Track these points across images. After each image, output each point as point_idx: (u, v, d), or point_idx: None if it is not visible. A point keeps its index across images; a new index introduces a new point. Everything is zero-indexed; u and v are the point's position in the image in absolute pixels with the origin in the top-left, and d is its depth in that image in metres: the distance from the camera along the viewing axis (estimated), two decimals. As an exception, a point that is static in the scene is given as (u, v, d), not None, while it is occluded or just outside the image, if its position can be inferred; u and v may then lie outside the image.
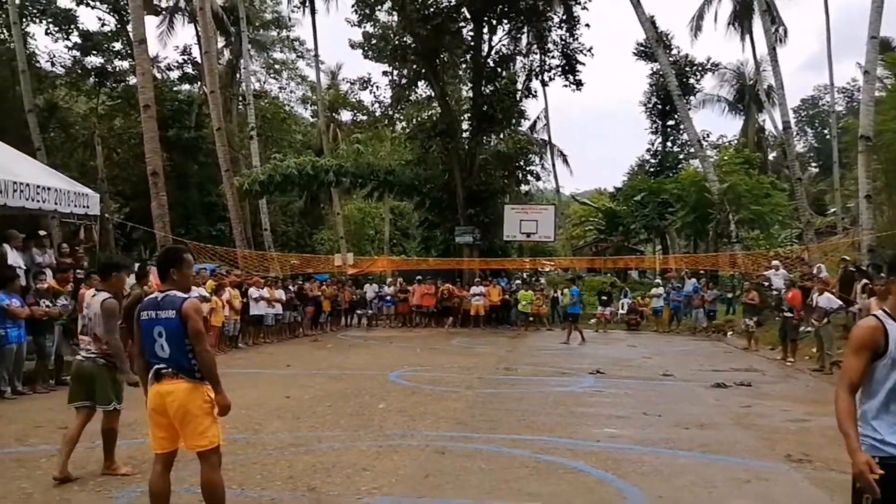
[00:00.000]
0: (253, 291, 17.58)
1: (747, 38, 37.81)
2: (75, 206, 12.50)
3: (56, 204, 11.97)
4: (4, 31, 27.54)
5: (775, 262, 19.41)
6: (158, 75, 33.04)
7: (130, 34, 24.77)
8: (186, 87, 36.89)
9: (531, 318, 24.16)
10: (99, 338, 5.74)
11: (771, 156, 44.78)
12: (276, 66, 43.95)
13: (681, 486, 5.57)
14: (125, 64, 32.35)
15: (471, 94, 29.40)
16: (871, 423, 3.04)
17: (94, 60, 31.97)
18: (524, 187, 33.16)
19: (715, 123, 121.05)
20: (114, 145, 32.24)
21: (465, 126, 29.42)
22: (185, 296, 4.29)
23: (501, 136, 29.92)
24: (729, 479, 5.86)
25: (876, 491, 2.84)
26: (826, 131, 46.87)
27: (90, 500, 5.10)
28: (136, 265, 14.54)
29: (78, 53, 31.35)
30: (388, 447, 6.76)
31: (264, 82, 43.35)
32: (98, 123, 30.59)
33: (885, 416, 3.00)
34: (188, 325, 4.16)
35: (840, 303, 13.66)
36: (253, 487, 5.38)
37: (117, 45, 31.97)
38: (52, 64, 30.84)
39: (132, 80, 31.31)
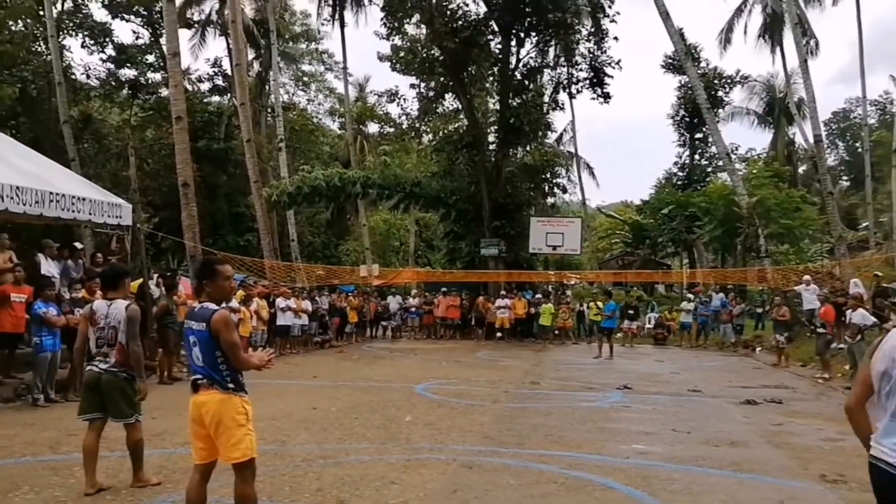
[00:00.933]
0: (280, 302, 17.71)
1: (777, 50, 37.49)
2: (108, 216, 12.69)
3: (90, 214, 12.16)
4: (42, 43, 28.14)
5: (806, 277, 19.13)
6: (189, 87, 33.57)
7: (164, 47, 25.22)
8: (216, 98, 37.47)
9: (556, 332, 24.05)
10: (122, 347, 5.61)
11: (801, 169, 44.31)
12: (305, 79, 44.56)
13: (712, 506, 5.50)
14: (157, 76, 32.98)
15: (498, 106, 29.41)
16: None
17: (127, 73, 32.59)
18: (550, 200, 33.06)
19: (744, 136, 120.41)
20: (145, 156, 32.78)
21: (491, 138, 29.42)
22: (216, 308, 4.31)
23: (528, 148, 29.88)
24: (761, 498, 5.78)
25: None
26: (858, 144, 46.29)
27: (122, 509, 5.15)
28: (166, 275, 14.79)
29: (112, 66, 31.96)
30: (415, 461, 6.76)
31: (293, 94, 43.97)
32: (131, 134, 31.12)
33: None
34: (220, 339, 4.20)
35: (874, 319, 13.42)
36: (282, 499, 5.41)
37: (150, 58, 32.57)
38: (87, 76, 31.46)
39: (164, 92, 31.88)
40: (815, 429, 8.95)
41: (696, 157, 41.02)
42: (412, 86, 29.30)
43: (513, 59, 27.96)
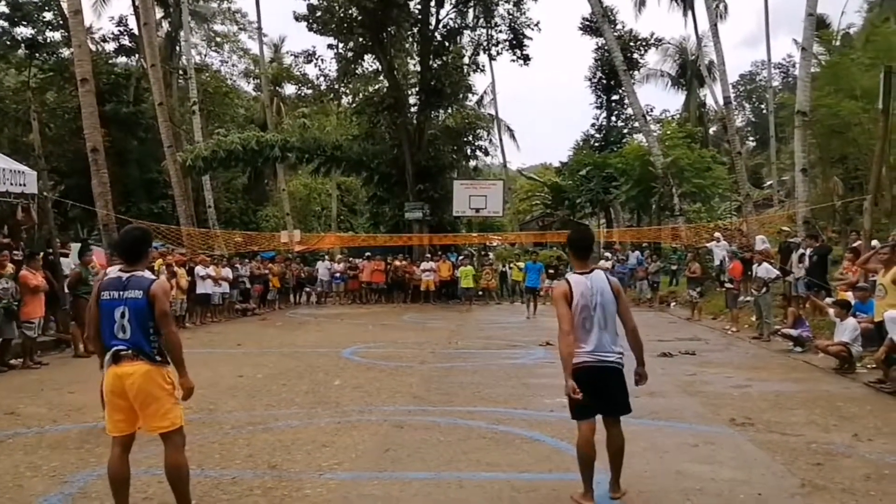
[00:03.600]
0: (199, 270, 17.28)
1: (689, 13, 38.43)
2: (11, 184, 12.04)
3: (-9, 182, 11.51)
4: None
5: (717, 235, 20.00)
6: (93, 47, 31.80)
7: (64, 4, 23.76)
8: (123, 59, 35.65)
9: (480, 293, 24.42)
10: None
11: (711, 130, 45.86)
12: (218, 39, 42.83)
13: (633, 452, 5.73)
14: (57, 35, 31.09)
15: (418, 67, 29.18)
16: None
17: (23, 31, 30.60)
18: (472, 162, 33.24)
19: (658, 98, 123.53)
20: (47, 120, 31.01)
21: (412, 100, 29.22)
22: (153, 277, 4.21)
23: (449, 110, 29.86)
24: (678, 444, 6.10)
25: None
26: (763, 106, 48.23)
27: (44, 485, 5.00)
28: (78, 245, 14.17)
29: (6, 24, 29.92)
30: (346, 423, 6.80)
31: (205, 55, 42.26)
32: (31, 97, 29.34)
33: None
34: (156, 306, 4.09)
35: (777, 272, 14.19)
36: (213, 467, 5.36)
37: (48, 16, 30.69)
38: (-21, 35, 29.43)
39: (65, 53, 30.13)
40: (725, 377, 9.47)
41: (613, 118, 41.85)
42: (330, 46, 28.73)
43: (432, 20, 27.77)
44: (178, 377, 4.26)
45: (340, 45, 28.38)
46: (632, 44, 38.86)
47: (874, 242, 11.81)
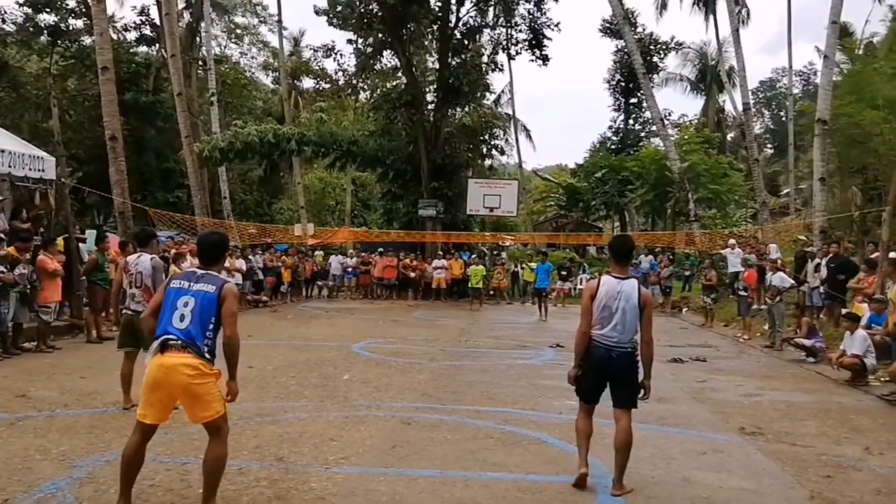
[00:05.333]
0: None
1: (711, 18, 38.18)
2: (30, 169, 12.16)
3: (10, 167, 11.62)
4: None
5: (731, 241, 19.86)
6: (115, 36, 31.94)
7: (86, -8, 23.91)
8: (144, 49, 35.79)
9: (491, 293, 24.40)
10: (149, 290, 6.80)
11: (729, 136, 45.59)
12: (238, 31, 42.94)
13: (641, 458, 5.73)
14: (79, 23, 31.23)
15: (437, 65, 29.13)
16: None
17: (46, 18, 30.73)
18: (488, 161, 33.18)
19: (677, 102, 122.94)
20: (67, 107, 31.22)
21: (430, 98, 29.17)
22: (228, 279, 4.36)
23: (466, 108, 29.80)
24: (686, 450, 6.06)
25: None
26: (782, 113, 47.80)
27: (52, 469, 5.03)
28: (94, 231, 14.28)
29: (30, 10, 30.11)
30: (354, 418, 6.81)
31: (225, 47, 42.38)
32: (52, 84, 29.54)
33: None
34: (224, 305, 4.15)
35: (792, 282, 14.08)
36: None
37: (71, 3, 30.79)
38: (3, 21, 29.61)
39: (87, 40, 30.30)
40: (736, 385, 9.41)
41: (631, 121, 41.74)
42: (349, 41, 28.72)
43: (452, 18, 27.70)
44: (226, 376, 4.30)
45: (360, 41, 28.38)
46: (652, 47, 38.74)
47: (892, 254, 11.67)
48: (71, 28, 31.44)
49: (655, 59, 39.29)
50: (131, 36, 35.28)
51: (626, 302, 4.93)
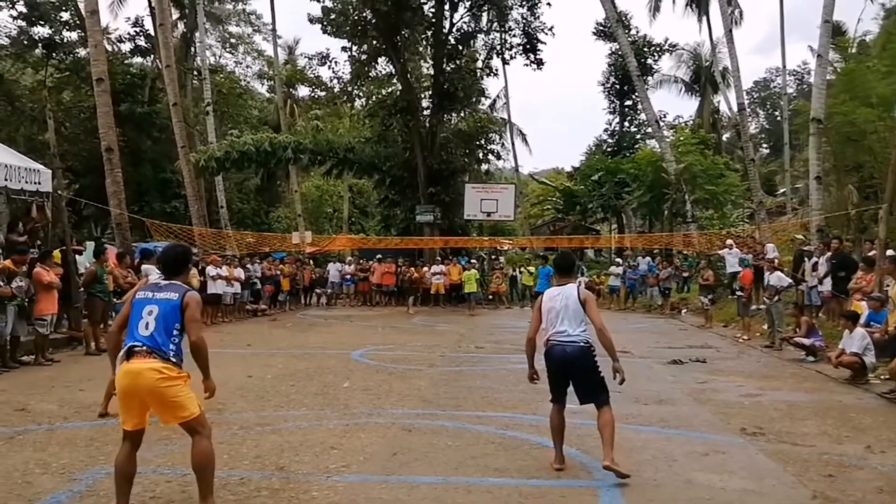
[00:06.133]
0: (210, 270, 17.34)
1: (704, 19, 38.30)
2: (26, 182, 12.15)
3: (6, 180, 11.62)
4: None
5: (728, 242, 19.88)
6: (109, 47, 32.00)
7: (80, 4, 23.95)
8: (138, 60, 35.88)
9: (490, 297, 24.40)
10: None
11: (725, 136, 45.67)
12: (232, 40, 43.04)
13: (642, 460, 5.74)
14: (73, 35, 31.31)
15: (431, 71, 29.18)
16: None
17: (41, 31, 30.83)
18: (484, 166, 33.21)
19: (671, 104, 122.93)
20: (62, 119, 31.25)
21: (425, 104, 29.19)
22: (190, 288, 4.46)
23: (462, 114, 29.83)
24: (688, 452, 6.05)
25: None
26: (777, 113, 47.96)
27: (53, 483, 5.01)
28: (92, 243, 14.25)
29: (24, 23, 30.17)
30: (354, 426, 6.79)
31: (220, 56, 42.49)
32: (47, 97, 29.57)
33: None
34: (187, 312, 4.25)
35: (790, 281, 14.09)
36: (221, 467, 5.32)
37: (65, 16, 30.90)
38: (-3, 34, 29.67)
39: (81, 52, 30.35)
40: (736, 386, 9.40)
41: (626, 124, 41.75)
42: (344, 49, 28.78)
43: (446, 24, 27.74)
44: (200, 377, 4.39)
45: (354, 48, 28.42)
46: (646, 49, 38.80)
47: (890, 252, 11.69)
48: (65, 40, 31.52)
49: (650, 61, 39.37)
50: (126, 47, 35.41)
51: (566, 299, 5.54)
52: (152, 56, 34.44)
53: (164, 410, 4.24)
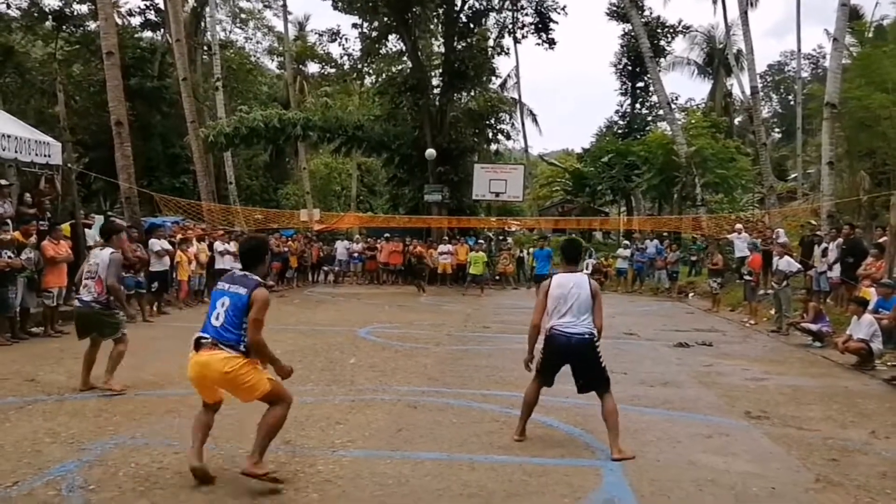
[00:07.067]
0: (218, 245, 17.36)
1: (719, 1, 37.80)
2: (36, 154, 12.18)
3: (16, 152, 11.65)
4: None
5: (738, 226, 19.79)
6: (119, 21, 31.86)
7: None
8: (149, 34, 35.73)
9: (497, 277, 24.40)
10: (101, 281, 6.99)
11: (737, 120, 45.28)
12: (243, 16, 42.73)
13: (647, 441, 5.76)
14: (84, 8, 31.17)
15: (442, 49, 28.98)
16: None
17: (51, 3, 30.71)
18: (494, 146, 33.09)
19: (684, 86, 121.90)
20: (72, 92, 31.22)
21: (435, 82, 29.03)
22: (260, 280, 4.56)
23: (472, 93, 29.66)
24: (692, 434, 6.07)
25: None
26: (790, 97, 47.48)
27: (62, 452, 5.07)
28: (101, 217, 14.29)
29: (35, -5, 30.05)
30: (360, 402, 6.84)
31: (230, 32, 42.21)
32: (58, 69, 29.54)
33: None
34: (251, 310, 4.41)
35: (799, 266, 14.03)
36: (227, 441, 5.41)
37: (76, -12, 30.72)
38: (7, 6, 29.54)
39: (92, 25, 30.23)
40: (742, 369, 9.40)
41: (638, 106, 41.49)
42: (354, 25, 28.60)
43: (458, 1, 27.52)
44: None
45: (365, 25, 28.28)
46: (659, 31, 38.43)
47: (900, 239, 11.62)
48: (75, 13, 31.36)
49: (662, 42, 39.00)
50: (136, 21, 35.24)
51: (578, 289, 5.55)
52: (162, 30, 34.30)
53: (238, 394, 4.53)
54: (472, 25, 28.15)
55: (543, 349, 5.65)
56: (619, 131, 40.75)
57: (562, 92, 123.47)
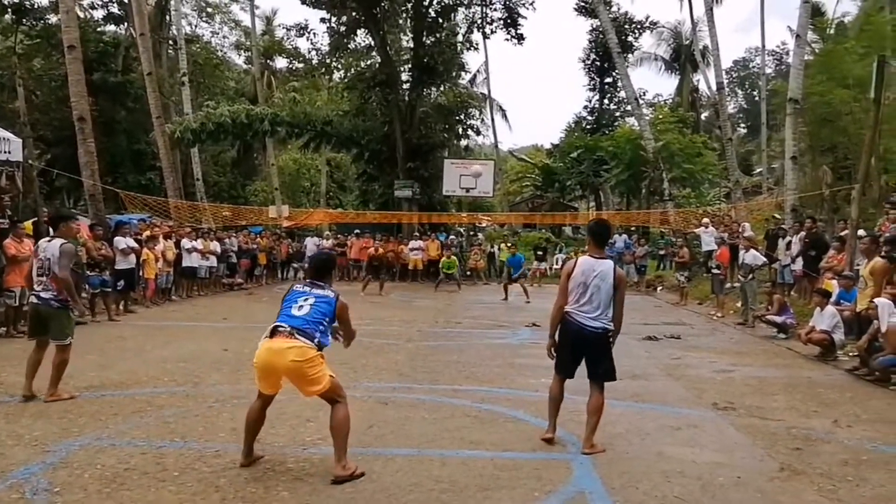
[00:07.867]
0: (185, 243, 17.16)
1: (685, -3, 38.17)
2: (-5, 150, 11.86)
3: (-25, 149, 11.34)
4: None
5: (705, 220, 20.06)
6: (82, 14, 31.21)
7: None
8: (112, 27, 35.08)
9: (468, 273, 24.43)
10: (56, 277, 6.58)
11: (703, 115, 45.87)
12: (209, 10, 42.16)
13: (616, 433, 5.82)
14: (44, 0, 30.49)
15: (411, 44, 28.89)
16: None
17: (9, -5, 29.90)
18: (464, 142, 33.09)
19: (651, 82, 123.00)
20: (33, 87, 30.51)
21: (405, 77, 28.96)
22: (339, 294, 4.86)
23: (441, 88, 29.64)
24: (660, 426, 6.14)
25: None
26: (755, 93, 48.20)
27: (25, 454, 4.96)
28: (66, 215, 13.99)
29: (-8, -12, 29.26)
30: (330, 399, 6.78)
31: (196, 26, 41.62)
32: (17, 63, 28.82)
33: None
34: (343, 314, 4.85)
35: (764, 259, 14.27)
36: (196, 439, 5.36)
37: (35, -20, 29.99)
38: (-36, -1, 28.76)
39: (53, 19, 29.56)
40: (709, 361, 9.54)
41: (606, 101, 41.80)
42: (322, 20, 28.38)
43: (427, -4, 27.42)
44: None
45: (333, 19, 28.04)
46: (627, 26, 38.76)
47: (861, 232, 11.88)
48: (36, 6, 30.59)
49: (630, 38, 39.35)
50: (98, 14, 34.57)
51: (601, 280, 5.30)
52: (126, 24, 33.69)
53: (303, 385, 4.63)
54: (440, 20, 28.09)
55: (559, 336, 5.49)
56: (588, 127, 41.03)
57: (531, 87, 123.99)
